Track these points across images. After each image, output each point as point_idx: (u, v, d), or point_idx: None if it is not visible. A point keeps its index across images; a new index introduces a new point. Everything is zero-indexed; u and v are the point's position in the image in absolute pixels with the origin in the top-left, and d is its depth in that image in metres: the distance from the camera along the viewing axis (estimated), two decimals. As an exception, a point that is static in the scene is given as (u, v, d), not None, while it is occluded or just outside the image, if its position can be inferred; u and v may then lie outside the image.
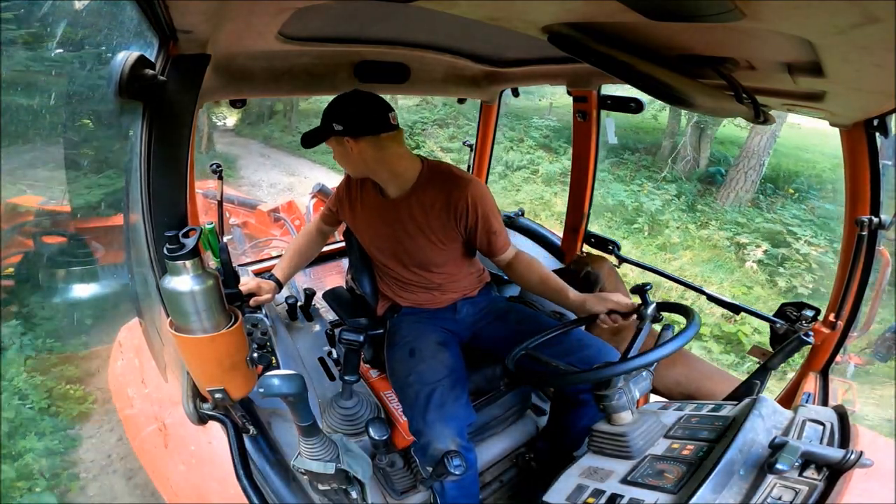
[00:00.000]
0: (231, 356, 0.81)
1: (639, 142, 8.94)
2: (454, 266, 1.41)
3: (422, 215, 1.29)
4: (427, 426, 1.14)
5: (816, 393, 1.20)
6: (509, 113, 9.77)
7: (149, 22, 0.74)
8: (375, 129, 1.20)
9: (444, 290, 1.42)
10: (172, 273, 0.73)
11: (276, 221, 3.56)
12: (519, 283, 1.38)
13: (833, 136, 1.15)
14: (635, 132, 9.36)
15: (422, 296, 1.42)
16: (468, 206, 1.27)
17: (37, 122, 1.58)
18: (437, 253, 1.34)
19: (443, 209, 1.28)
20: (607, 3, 0.58)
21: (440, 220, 1.29)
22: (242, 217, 3.71)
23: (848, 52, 0.58)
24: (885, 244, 1.22)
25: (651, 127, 9.52)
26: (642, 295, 1.10)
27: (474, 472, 1.21)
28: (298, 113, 12.25)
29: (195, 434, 0.89)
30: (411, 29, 1.28)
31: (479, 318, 1.45)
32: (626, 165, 8.24)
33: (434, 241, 1.32)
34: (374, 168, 1.26)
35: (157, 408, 1.15)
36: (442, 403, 1.16)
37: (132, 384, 1.31)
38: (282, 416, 1.12)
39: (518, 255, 1.36)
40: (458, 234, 1.32)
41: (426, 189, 1.29)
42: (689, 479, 0.75)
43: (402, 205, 1.30)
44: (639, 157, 8.48)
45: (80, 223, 2.64)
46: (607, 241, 1.89)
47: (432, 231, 1.30)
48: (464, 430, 1.17)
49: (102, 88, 0.73)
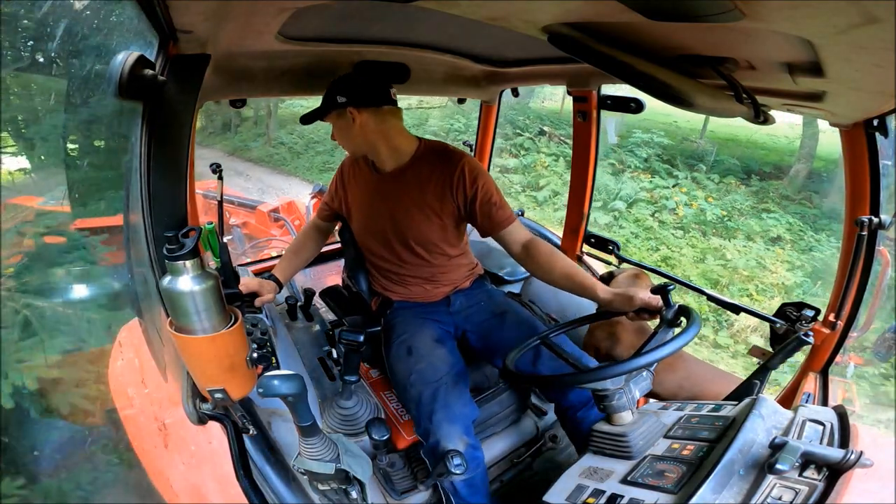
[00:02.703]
0: (231, 356, 0.81)
1: (763, 163, 7.41)
2: (448, 247, 1.38)
3: (417, 188, 1.30)
4: (434, 426, 1.13)
5: (816, 393, 1.20)
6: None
7: (149, 22, 0.74)
8: (378, 101, 1.24)
9: (437, 282, 1.41)
10: (172, 273, 0.73)
11: (275, 222, 3.58)
12: (539, 274, 1.26)
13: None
14: (752, 147, 7.81)
15: (413, 289, 1.41)
16: (465, 175, 1.27)
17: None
18: (431, 229, 1.33)
19: (439, 181, 1.28)
20: (607, 3, 0.58)
21: (436, 193, 1.29)
22: (242, 217, 3.72)
23: (848, 52, 0.58)
24: (885, 244, 1.23)
25: (772, 146, 7.97)
26: (664, 296, 1.05)
27: (483, 470, 1.19)
28: (278, 119, 10.69)
29: (195, 434, 0.89)
30: (411, 29, 1.28)
31: (473, 311, 1.44)
32: (765, 194, 6.56)
33: (429, 213, 1.31)
34: (374, 141, 1.28)
35: (157, 408, 1.15)
36: (446, 403, 1.16)
37: (132, 384, 1.31)
38: (282, 416, 1.12)
39: (536, 241, 1.27)
40: (455, 208, 1.30)
41: (422, 163, 1.30)
42: (689, 479, 0.75)
43: (399, 178, 1.31)
44: (768, 184, 6.80)
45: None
46: (607, 242, 1.89)
47: (427, 204, 1.30)
48: (471, 428, 1.17)
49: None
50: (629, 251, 5.61)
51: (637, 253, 5.69)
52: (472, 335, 1.42)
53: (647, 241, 5.94)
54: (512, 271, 1.97)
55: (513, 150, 8.18)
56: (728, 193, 6.74)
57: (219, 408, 0.85)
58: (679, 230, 6.07)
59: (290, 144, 10.25)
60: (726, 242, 5.78)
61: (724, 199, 6.56)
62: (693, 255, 5.65)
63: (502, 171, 7.70)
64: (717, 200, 6.47)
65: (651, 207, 6.43)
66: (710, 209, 6.21)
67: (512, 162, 7.91)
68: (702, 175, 7.13)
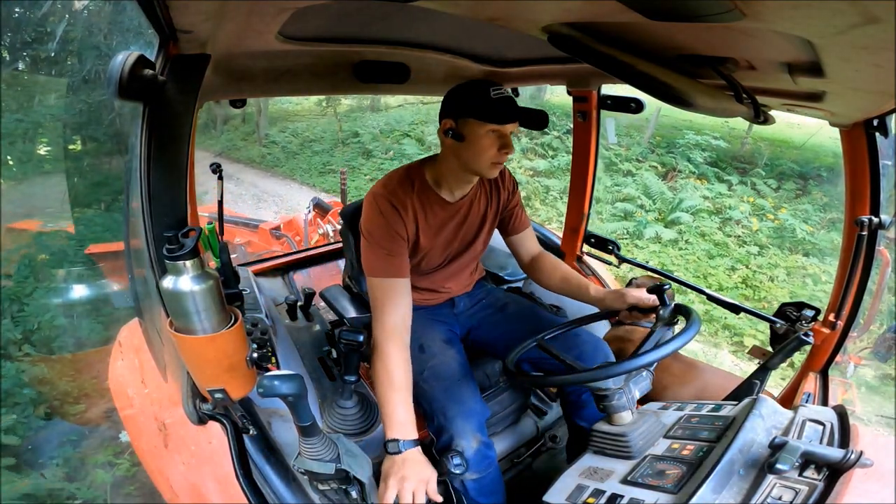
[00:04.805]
0: (231, 356, 0.81)
1: (819, 167, 6.42)
2: (480, 255, 1.44)
3: (483, 208, 1.34)
4: (449, 422, 1.12)
5: (816, 393, 1.20)
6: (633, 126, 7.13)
7: (149, 22, 0.74)
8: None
9: (445, 286, 1.42)
10: (172, 273, 0.73)
11: (277, 239, 3.70)
12: (542, 281, 1.37)
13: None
14: (808, 151, 6.81)
15: (423, 293, 1.41)
16: (509, 184, 1.36)
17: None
18: (484, 244, 1.39)
19: (495, 198, 1.34)
20: (607, 3, 0.58)
21: (495, 206, 1.35)
22: (246, 237, 3.88)
23: (848, 52, 0.58)
24: (886, 244, 1.23)
25: (816, 147, 6.94)
26: (660, 295, 1.08)
27: (496, 470, 1.18)
28: (268, 117, 9.99)
29: (195, 434, 0.89)
30: (411, 29, 1.28)
31: (476, 311, 1.45)
32: (834, 207, 5.59)
33: (490, 229, 1.37)
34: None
35: (157, 408, 1.15)
36: (461, 399, 1.16)
37: (132, 384, 1.31)
38: (282, 416, 1.12)
39: (544, 252, 1.39)
40: (500, 219, 1.38)
41: (483, 181, 1.32)
42: (689, 479, 0.75)
43: (472, 201, 1.32)
44: (826, 191, 5.89)
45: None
46: (607, 242, 1.89)
47: (490, 218, 1.35)
48: (484, 426, 1.16)
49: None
50: (708, 279, 4.75)
51: (715, 273, 4.85)
52: (476, 332, 1.43)
53: (720, 258, 5.08)
54: (513, 272, 1.97)
55: (539, 149, 7.53)
56: (791, 202, 5.88)
57: (219, 408, 0.85)
58: (755, 246, 5.20)
59: (283, 144, 9.55)
60: (810, 260, 5.01)
61: (795, 208, 5.73)
62: (781, 276, 4.84)
63: (534, 174, 7.00)
64: (789, 210, 5.63)
65: (716, 219, 5.58)
66: (795, 223, 5.28)
67: (542, 164, 7.11)
68: (759, 180, 6.23)
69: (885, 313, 1.85)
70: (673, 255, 5.23)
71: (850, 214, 1.14)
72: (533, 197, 6.65)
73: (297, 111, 11.55)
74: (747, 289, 4.76)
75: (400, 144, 8.44)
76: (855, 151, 1.08)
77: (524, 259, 1.41)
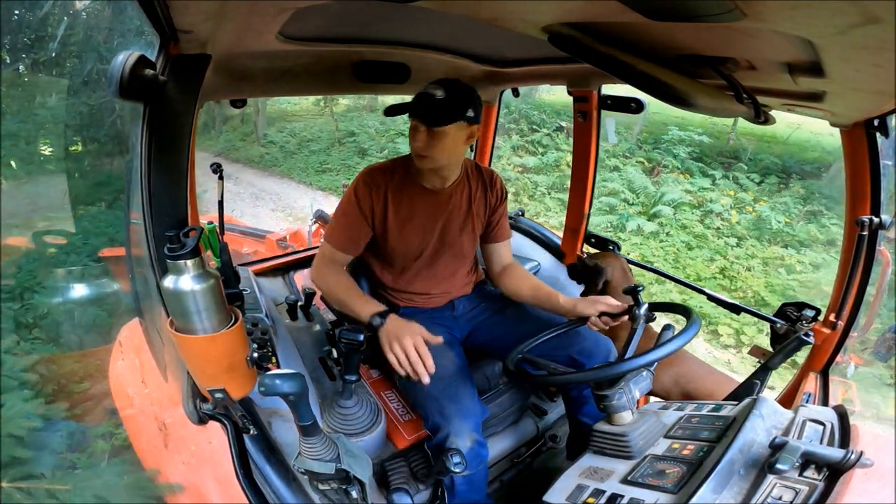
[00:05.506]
0: (231, 356, 0.81)
1: (802, 161, 6.52)
2: (471, 258, 1.46)
3: (467, 205, 1.36)
4: (445, 421, 1.13)
5: (816, 393, 1.20)
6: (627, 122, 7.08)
7: (149, 22, 0.74)
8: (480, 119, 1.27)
9: (444, 289, 1.42)
10: (173, 273, 0.73)
11: (283, 249, 3.78)
12: (511, 291, 1.41)
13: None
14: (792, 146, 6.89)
15: (420, 297, 1.42)
16: (500, 191, 1.41)
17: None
18: (471, 244, 1.41)
19: (482, 198, 1.38)
20: (607, 3, 0.58)
21: (481, 206, 1.38)
22: (253, 247, 3.98)
23: (848, 52, 0.58)
24: (886, 244, 1.23)
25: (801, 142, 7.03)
26: (634, 296, 1.11)
27: (485, 468, 1.21)
28: (266, 117, 10.02)
29: (195, 434, 0.89)
30: (411, 29, 1.29)
31: (475, 313, 1.45)
32: (814, 200, 5.68)
33: (472, 228, 1.38)
34: (459, 158, 1.30)
35: (157, 408, 1.15)
36: (459, 398, 1.17)
37: (132, 384, 1.31)
38: (282, 416, 1.12)
39: (515, 262, 1.44)
40: (487, 223, 1.41)
41: (470, 181, 1.37)
42: (689, 479, 0.75)
43: (453, 194, 1.34)
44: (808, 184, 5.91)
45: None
46: (607, 242, 1.89)
47: (475, 217, 1.38)
48: (479, 426, 1.17)
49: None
50: (686, 270, 4.93)
51: (692, 264, 5.02)
52: (477, 334, 1.43)
53: (699, 249, 5.20)
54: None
55: (529, 146, 7.65)
56: (772, 195, 5.99)
57: (219, 408, 0.85)
58: (734, 238, 5.32)
59: (281, 143, 9.58)
60: (788, 251, 5.11)
61: (775, 200, 5.83)
62: (757, 267, 4.95)
63: (523, 170, 7.09)
64: (769, 202, 5.72)
65: (697, 212, 5.70)
66: (772, 215, 5.36)
67: (532, 161, 7.21)
68: (742, 174, 6.35)
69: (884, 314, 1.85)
70: (654, 247, 5.35)
71: (850, 214, 1.14)
72: (522, 192, 6.75)
73: (294, 111, 11.60)
74: (724, 279, 4.87)
75: (395, 143, 8.54)
76: (855, 151, 1.08)
77: (495, 268, 1.45)
